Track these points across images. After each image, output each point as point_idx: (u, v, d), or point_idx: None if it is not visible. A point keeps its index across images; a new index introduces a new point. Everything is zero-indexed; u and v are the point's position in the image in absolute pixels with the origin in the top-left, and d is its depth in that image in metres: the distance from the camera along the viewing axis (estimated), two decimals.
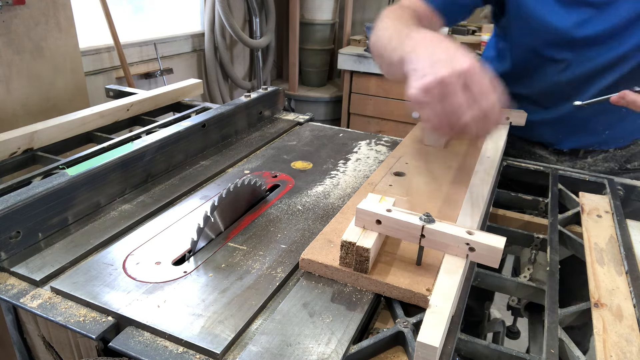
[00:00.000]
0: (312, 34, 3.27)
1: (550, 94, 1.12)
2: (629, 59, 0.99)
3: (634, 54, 0.98)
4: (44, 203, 0.76)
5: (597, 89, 1.05)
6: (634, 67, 1.00)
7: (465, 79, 0.61)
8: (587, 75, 1.04)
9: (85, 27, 2.02)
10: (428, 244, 0.65)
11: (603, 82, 1.04)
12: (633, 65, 1.00)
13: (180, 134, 1.03)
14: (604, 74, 1.03)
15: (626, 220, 0.90)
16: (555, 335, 0.63)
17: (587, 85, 1.06)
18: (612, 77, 1.02)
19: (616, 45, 0.99)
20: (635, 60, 0.99)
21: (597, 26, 0.99)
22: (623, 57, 1.00)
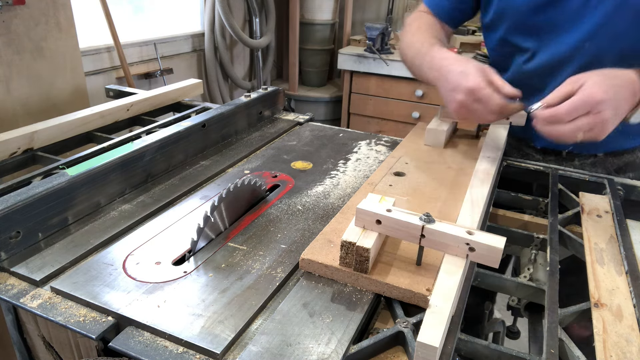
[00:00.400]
0: (312, 34, 3.27)
1: (521, 85, 1.14)
2: (583, 49, 1.00)
3: (586, 44, 0.99)
4: (44, 203, 0.76)
5: (561, 81, 1.05)
6: (591, 58, 1.00)
7: (473, 95, 0.86)
8: (550, 66, 1.06)
9: (85, 27, 2.02)
10: (428, 244, 0.65)
11: (565, 74, 1.02)
12: (589, 56, 1.00)
13: (180, 134, 1.03)
14: (565, 66, 1.04)
15: (626, 220, 0.90)
16: (555, 335, 0.63)
17: (551, 77, 1.07)
18: (572, 69, 1.02)
19: (572, 34, 1.01)
20: (589, 50, 1.00)
21: (553, 12, 1.01)
22: (578, 47, 1.01)
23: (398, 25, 3.48)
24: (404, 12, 3.47)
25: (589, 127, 0.78)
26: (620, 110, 0.80)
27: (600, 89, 0.78)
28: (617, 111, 0.80)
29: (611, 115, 0.78)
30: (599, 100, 0.77)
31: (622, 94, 0.80)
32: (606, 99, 0.77)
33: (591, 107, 0.77)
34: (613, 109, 0.78)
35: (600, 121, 0.78)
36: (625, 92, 0.81)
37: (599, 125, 0.79)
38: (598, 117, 0.78)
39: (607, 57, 0.98)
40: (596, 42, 0.99)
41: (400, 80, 2.93)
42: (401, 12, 3.48)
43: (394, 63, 2.87)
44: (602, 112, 0.77)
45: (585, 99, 0.78)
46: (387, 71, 2.91)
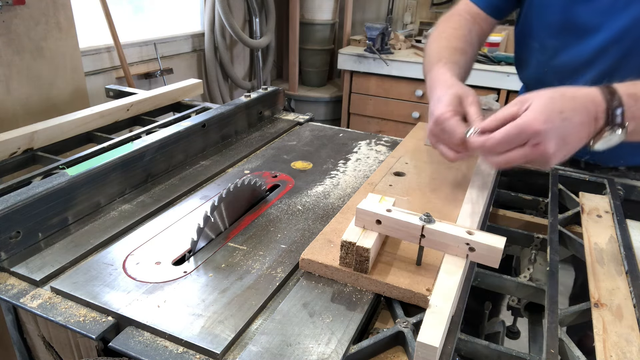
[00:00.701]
0: (312, 34, 3.27)
1: (540, 85, 1.12)
2: (607, 53, 0.97)
3: (610, 47, 0.97)
4: (44, 203, 0.76)
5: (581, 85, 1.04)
6: (614, 63, 0.97)
7: (439, 124, 0.80)
8: (571, 68, 1.04)
9: (85, 27, 2.02)
10: (428, 244, 0.65)
11: (586, 78, 1.02)
12: (612, 60, 0.97)
13: (180, 134, 1.03)
14: (586, 69, 1.02)
15: (626, 220, 0.90)
16: (555, 335, 0.63)
17: (570, 80, 1.04)
18: (594, 73, 1.01)
19: (596, 36, 0.98)
20: (613, 55, 0.97)
21: (579, 10, 0.98)
22: (602, 50, 0.98)
23: (398, 25, 3.48)
24: (404, 12, 3.47)
25: (525, 159, 0.69)
26: (570, 139, 0.68)
27: (542, 116, 0.66)
28: (564, 141, 0.68)
29: (554, 147, 0.67)
30: (537, 131, 0.66)
31: (576, 119, 0.68)
32: (547, 130, 0.66)
33: (528, 138, 0.67)
34: (557, 139, 0.67)
35: (539, 154, 0.68)
36: (582, 116, 0.69)
37: (538, 158, 0.69)
38: (536, 149, 0.68)
39: (631, 63, 0.95)
40: (621, 47, 0.95)
41: (400, 80, 2.93)
42: (401, 12, 3.48)
43: (394, 63, 2.87)
44: (540, 143, 0.67)
45: (520, 129, 0.67)
46: (387, 71, 2.91)
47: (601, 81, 1.00)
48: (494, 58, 2.66)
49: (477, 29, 1.11)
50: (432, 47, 1.05)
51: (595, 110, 0.68)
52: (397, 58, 2.88)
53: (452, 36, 1.05)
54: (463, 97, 0.81)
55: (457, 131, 0.75)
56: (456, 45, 1.03)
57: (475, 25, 1.11)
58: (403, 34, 3.19)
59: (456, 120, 0.77)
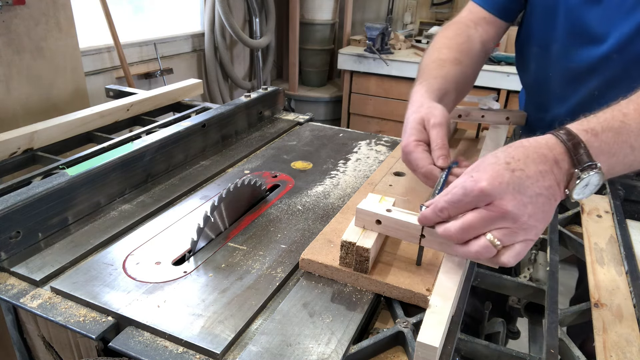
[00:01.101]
0: (312, 34, 3.27)
1: (542, 91, 1.11)
2: (611, 61, 0.95)
3: (614, 55, 0.94)
4: (44, 203, 0.76)
5: (583, 94, 1.02)
6: (619, 72, 0.95)
7: (404, 156, 0.78)
8: (575, 73, 1.02)
9: (85, 27, 2.02)
10: (428, 244, 0.65)
11: (589, 86, 1.00)
12: (617, 69, 0.95)
13: (180, 134, 1.03)
14: (589, 77, 0.99)
15: (626, 220, 0.90)
16: (555, 335, 0.63)
17: (571, 88, 1.03)
18: (597, 82, 0.99)
19: (600, 43, 0.95)
20: (617, 63, 0.94)
21: (582, 14, 0.96)
22: (606, 58, 0.95)
23: (398, 25, 3.48)
24: (404, 12, 3.47)
25: (486, 224, 0.58)
26: (531, 191, 0.57)
27: (486, 174, 0.57)
28: (524, 194, 0.57)
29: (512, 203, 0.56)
30: (482, 189, 0.56)
31: (531, 168, 0.58)
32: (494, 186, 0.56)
33: (477, 199, 0.57)
34: (513, 193, 0.56)
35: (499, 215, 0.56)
36: (537, 164, 0.58)
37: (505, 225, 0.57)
38: (492, 210, 0.57)
39: (636, 72, 0.92)
40: (626, 54, 0.93)
41: (400, 80, 2.93)
42: (401, 12, 3.48)
43: (394, 63, 2.88)
44: (493, 202, 0.57)
45: (465, 189, 0.58)
46: (387, 71, 2.91)
47: (606, 90, 0.97)
48: (494, 58, 2.66)
49: (480, 34, 1.08)
50: (422, 61, 1.01)
51: (552, 154, 0.59)
52: (397, 58, 2.88)
53: (445, 46, 1.01)
54: (426, 120, 0.77)
55: (420, 164, 0.73)
56: (446, 57, 0.97)
57: (478, 30, 1.08)
58: (403, 34, 3.19)
59: (420, 152, 0.74)
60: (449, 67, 0.95)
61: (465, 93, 1.04)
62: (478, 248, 0.57)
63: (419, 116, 0.78)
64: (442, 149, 0.74)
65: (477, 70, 1.07)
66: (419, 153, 0.74)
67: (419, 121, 0.78)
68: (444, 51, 0.99)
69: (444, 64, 0.96)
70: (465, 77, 0.99)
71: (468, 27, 1.08)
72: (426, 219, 0.61)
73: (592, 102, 1.01)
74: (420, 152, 0.74)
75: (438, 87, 0.88)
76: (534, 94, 1.17)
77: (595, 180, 0.59)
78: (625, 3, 0.91)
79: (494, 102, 1.18)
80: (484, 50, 1.08)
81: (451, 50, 1.00)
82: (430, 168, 0.73)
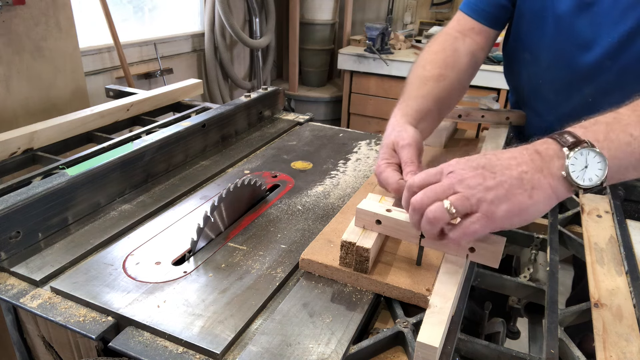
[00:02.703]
0: (312, 34, 3.27)
1: (536, 98, 1.10)
2: (604, 67, 0.94)
3: (606, 61, 0.93)
4: (44, 203, 0.76)
5: (576, 100, 1.01)
6: (614, 77, 0.94)
7: (377, 177, 0.80)
8: (566, 81, 1.01)
9: (85, 27, 2.02)
10: (428, 244, 0.65)
11: (581, 92, 0.99)
12: (611, 75, 0.94)
13: (180, 134, 1.03)
14: (582, 84, 0.98)
15: (626, 220, 0.90)
16: (555, 335, 0.63)
17: (567, 94, 1.02)
18: (591, 88, 0.98)
19: (591, 49, 0.94)
20: (610, 69, 0.93)
21: (576, 24, 0.95)
22: (598, 64, 0.94)
23: (398, 25, 3.48)
24: (404, 12, 3.47)
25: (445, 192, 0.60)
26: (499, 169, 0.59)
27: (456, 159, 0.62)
28: (490, 171, 0.59)
29: (472, 176, 0.59)
30: (449, 164, 0.61)
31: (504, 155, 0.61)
32: (459, 162, 0.61)
33: (440, 172, 0.62)
34: (477, 169, 0.59)
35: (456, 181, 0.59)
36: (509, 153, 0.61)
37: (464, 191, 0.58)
38: (452, 177, 0.60)
39: (629, 80, 0.92)
40: (618, 62, 0.92)
41: (400, 80, 2.93)
42: (401, 12, 3.48)
43: (393, 63, 2.87)
44: (454, 172, 0.60)
45: (435, 169, 0.62)
46: (387, 71, 2.91)
47: (600, 97, 0.96)
48: (494, 58, 2.65)
49: (468, 45, 1.05)
50: (408, 77, 1.00)
51: (533, 147, 0.61)
52: (397, 58, 2.88)
53: (429, 62, 1.00)
54: (395, 143, 0.80)
55: (390, 182, 0.76)
56: (430, 74, 0.97)
57: (466, 41, 1.06)
58: (403, 34, 3.19)
59: (389, 171, 0.78)
60: (431, 84, 0.95)
61: (450, 108, 1.03)
62: (432, 207, 0.59)
63: (389, 140, 0.82)
64: (410, 165, 0.77)
65: (466, 83, 1.05)
66: (388, 172, 0.78)
67: (390, 145, 0.81)
68: (428, 67, 0.98)
69: (426, 82, 0.95)
70: (450, 92, 0.98)
71: (455, 39, 1.05)
72: (404, 201, 0.64)
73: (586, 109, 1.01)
74: (390, 172, 0.77)
75: (416, 109, 0.89)
76: (525, 100, 1.16)
77: (596, 162, 0.58)
78: (614, 9, 0.90)
79: (494, 102, 1.18)
80: (473, 61, 1.05)
81: (435, 66, 0.98)
82: (400, 183, 0.75)
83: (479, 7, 1.08)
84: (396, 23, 3.48)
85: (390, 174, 0.77)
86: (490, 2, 1.07)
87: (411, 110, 0.89)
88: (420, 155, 0.81)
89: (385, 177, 0.77)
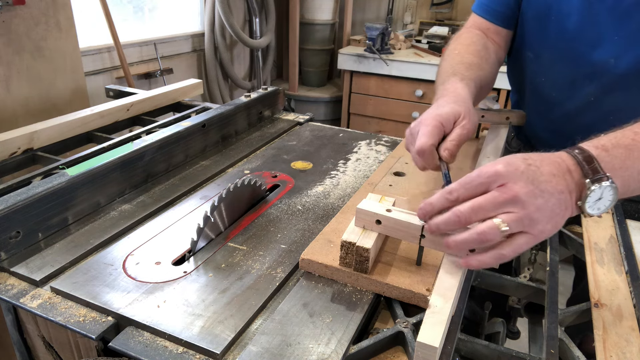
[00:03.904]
0: (312, 34, 3.27)
1: (539, 97, 1.10)
2: (608, 65, 0.93)
3: (611, 60, 0.93)
4: (44, 203, 0.76)
5: (579, 99, 1.01)
6: (616, 78, 0.93)
7: (418, 155, 0.76)
8: (569, 79, 1.01)
9: (85, 27, 2.02)
10: (428, 244, 0.65)
11: (586, 90, 0.99)
12: (615, 75, 0.93)
13: (180, 134, 1.03)
14: (584, 81, 0.98)
15: (626, 220, 0.90)
16: (555, 335, 0.63)
17: (569, 92, 1.02)
18: (593, 87, 0.97)
19: (595, 47, 0.94)
20: (614, 69, 0.93)
21: (579, 23, 0.94)
22: (602, 63, 0.94)
23: (398, 25, 3.48)
24: (404, 12, 3.47)
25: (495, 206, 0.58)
26: (544, 187, 0.58)
27: (503, 161, 0.59)
28: (537, 187, 0.58)
29: (524, 189, 0.57)
30: (497, 171, 0.58)
31: (545, 168, 0.60)
32: (509, 170, 0.58)
33: (488, 180, 0.59)
34: (525, 182, 0.58)
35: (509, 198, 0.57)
36: (550, 167, 0.60)
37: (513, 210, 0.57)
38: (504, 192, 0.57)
39: (633, 78, 0.91)
40: (622, 62, 0.91)
41: (400, 80, 2.93)
42: (401, 12, 3.48)
43: (394, 63, 2.87)
44: (506, 185, 0.58)
45: (479, 172, 0.59)
46: (387, 71, 2.91)
47: (602, 96, 0.96)
48: None
49: (491, 44, 1.07)
50: (444, 64, 1.00)
51: (565, 164, 0.61)
52: (397, 58, 2.88)
53: (466, 52, 1.01)
54: (460, 116, 0.77)
55: (423, 139, 0.73)
56: (471, 61, 0.97)
57: (489, 41, 1.07)
58: (403, 34, 3.19)
59: (432, 129, 0.74)
60: (474, 70, 0.96)
61: (482, 97, 1.04)
62: (485, 228, 0.57)
63: (458, 109, 0.77)
64: (455, 145, 0.74)
65: (494, 79, 1.07)
66: (432, 127, 0.74)
67: (455, 113, 0.77)
68: (467, 56, 0.99)
69: (470, 67, 0.96)
70: (487, 82, 1.00)
71: (480, 36, 1.07)
72: (431, 205, 0.62)
73: (588, 108, 1.01)
74: (434, 131, 0.74)
75: (472, 90, 0.88)
76: (526, 99, 1.16)
77: (609, 194, 0.60)
78: (617, 8, 0.89)
79: (494, 102, 1.18)
80: (497, 60, 1.07)
81: (472, 55, 1.00)
82: (431, 148, 0.73)
83: (491, 8, 1.09)
84: (396, 23, 3.48)
85: (430, 131, 0.74)
86: (502, 2, 1.07)
87: (471, 89, 0.87)
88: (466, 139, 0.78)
89: (424, 131, 0.74)
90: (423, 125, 0.75)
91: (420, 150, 0.73)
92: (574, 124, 1.04)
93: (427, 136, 0.74)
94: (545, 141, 1.12)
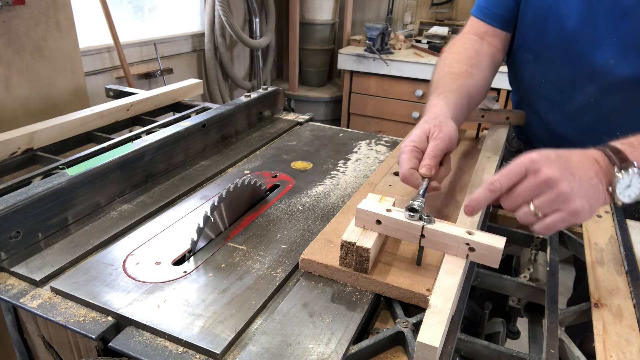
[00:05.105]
0: (312, 34, 3.27)
1: (537, 96, 1.10)
2: (608, 66, 0.93)
3: (611, 61, 0.92)
4: (44, 203, 0.76)
5: (579, 100, 1.00)
6: (618, 79, 0.93)
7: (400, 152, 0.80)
8: (569, 80, 1.00)
9: (85, 27, 2.02)
10: (428, 244, 0.65)
11: (587, 91, 0.98)
12: (616, 76, 0.93)
13: (180, 134, 1.03)
14: (585, 82, 0.98)
15: (626, 220, 0.90)
16: (555, 335, 0.63)
17: (569, 93, 1.02)
18: (594, 88, 0.97)
19: (595, 49, 0.93)
20: (615, 70, 0.92)
21: (578, 22, 0.94)
22: (602, 64, 0.93)
23: (398, 25, 3.48)
24: (404, 12, 3.47)
25: (533, 192, 0.64)
26: (576, 171, 0.64)
27: (536, 152, 0.65)
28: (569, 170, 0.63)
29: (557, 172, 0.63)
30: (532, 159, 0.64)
31: (574, 157, 0.66)
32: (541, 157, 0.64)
33: (525, 167, 0.65)
34: (559, 166, 0.64)
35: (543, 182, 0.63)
36: (579, 156, 0.67)
37: (548, 191, 0.63)
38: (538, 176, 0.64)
39: (633, 79, 0.91)
40: (623, 61, 0.91)
41: (400, 80, 2.93)
42: (401, 12, 3.48)
43: (394, 63, 2.87)
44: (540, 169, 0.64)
45: (516, 162, 0.66)
46: (387, 71, 2.91)
47: (602, 97, 0.96)
48: None
49: (487, 47, 1.07)
50: (434, 75, 1.01)
51: (593, 156, 0.66)
52: (397, 58, 2.88)
53: (455, 60, 1.01)
54: (431, 132, 0.80)
55: (403, 166, 0.78)
56: (458, 70, 0.98)
57: (484, 45, 1.07)
58: (403, 34, 3.19)
59: (409, 156, 0.78)
60: (461, 80, 0.96)
61: (476, 104, 1.04)
62: (521, 214, 0.66)
63: (427, 126, 0.81)
64: (431, 159, 0.77)
65: (488, 83, 1.06)
66: (407, 156, 0.78)
67: (425, 131, 0.81)
68: (455, 65, 1.00)
69: (457, 78, 0.97)
70: (476, 89, 0.99)
71: (474, 42, 1.07)
72: (477, 201, 0.68)
73: (588, 109, 1.01)
74: (409, 156, 0.78)
75: (454, 102, 0.90)
76: (526, 99, 1.16)
77: (637, 182, 0.64)
78: (615, 9, 0.89)
79: (494, 102, 1.18)
80: (492, 63, 1.07)
81: (461, 64, 1.00)
82: (411, 172, 0.77)
83: (491, 11, 1.09)
84: (396, 23, 3.48)
85: (408, 158, 0.78)
86: (501, 5, 1.08)
87: (451, 102, 0.90)
88: (450, 153, 0.82)
89: (403, 159, 0.79)
90: (401, 154, 0.80)
91: (403, 177, 0.78)
92: (574, 124, 1.04)
93: (405, 162, 0.78)
94: (545, 141, 1.12)
